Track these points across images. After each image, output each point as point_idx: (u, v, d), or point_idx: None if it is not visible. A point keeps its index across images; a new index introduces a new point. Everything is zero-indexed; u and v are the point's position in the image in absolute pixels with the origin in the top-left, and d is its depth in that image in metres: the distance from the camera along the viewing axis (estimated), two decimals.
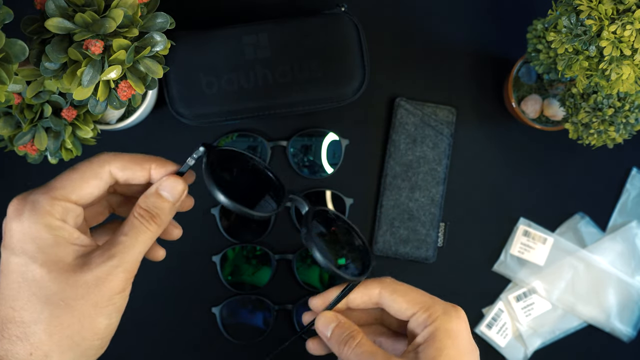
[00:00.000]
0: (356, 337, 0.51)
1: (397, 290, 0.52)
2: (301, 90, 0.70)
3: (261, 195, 0.53)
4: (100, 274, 0.43)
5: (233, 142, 0.75)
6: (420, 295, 0.52)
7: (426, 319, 0.50)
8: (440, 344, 0.48)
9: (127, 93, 0.50)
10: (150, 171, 0.48)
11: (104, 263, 0.43)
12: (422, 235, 0.75)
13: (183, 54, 0.69)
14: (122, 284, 0.44)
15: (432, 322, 0.49)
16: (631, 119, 0.62)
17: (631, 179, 0.76)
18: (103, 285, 0.43)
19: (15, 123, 0.58)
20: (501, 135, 0.77)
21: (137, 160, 0.47)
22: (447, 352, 0.48)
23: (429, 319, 0.50)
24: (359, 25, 0.71)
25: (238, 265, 0.75)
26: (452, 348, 0.48)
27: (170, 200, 0.48)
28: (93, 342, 0.44)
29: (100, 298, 0.43)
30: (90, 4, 0.48)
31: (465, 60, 0.76)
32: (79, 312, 0.43)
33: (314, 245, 0.51)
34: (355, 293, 0.53)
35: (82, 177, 0.45)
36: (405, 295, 0.51)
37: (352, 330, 0.51)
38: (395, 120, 0.75)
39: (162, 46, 0.50)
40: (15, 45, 0.44)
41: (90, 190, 0.46)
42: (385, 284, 0.52)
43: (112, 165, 0.46)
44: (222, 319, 0.75)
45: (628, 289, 0.75)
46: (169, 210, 0.48)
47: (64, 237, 0.44)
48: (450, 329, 0.49)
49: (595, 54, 0.55)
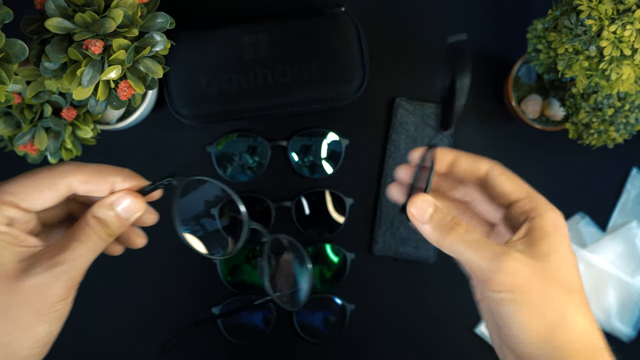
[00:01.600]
0: (462, 223, 0.45)
1: (506, 173, 0.48)
2: (301, 90, 0.70)
3: (226, 229, 0.53)
4: (44, 280, 0.41)
5: (233, 142, 0.75)
6: (527, 185, 0.48)
7: (533, 210, 0.46)
8: (553, 240, 0.44)
9: (127, 93, 0.50)
10: (114, 185, 0.46)
11: (50, 269, 0.41)
12: (422, 235, 0.75)
13: (183, 54, 0.69)
14: (67, 292, 0.42)
15: (541, 215, 0.45)
16: (631, 119, 0.62)
17: (631, 179, 0.76)
18: (46, 292, 0.41)
19: (15, 123, 0.58)
20: (501, 135, 0.77)
21: (102, 174, 0.45)
22: (562, 250, 0.44)
23: (535, 210, 0.46)
24: (359, 25, 0.71)
25: (238, 265, 0.75)
26: (566, 247, 0.44)
27: (123, 217, 0.46)
28: (32, 350, 0.42)
29: (41, 305, 0.41)
30: (90, 4, 0.48)
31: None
32: (18, 319, 0.40)
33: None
34: (465, 159, 0.49)
35: (36, 186, 0.43)
36: (513, 179, 0.48)
37: (454, 216, 0.45)
38: (395, 120, 0.75)
39: (162, 46, 0.50)
40: (15, 45, 0.44)
41: (43, 200, 0.44)
42: (495, 163, 0.49)
43: (73, 178, 0.44)
44: (222, 319, 0.75)
45: (628, 289, 0.76)
46: (119, 225, 0.45)
47: (7, 241, 0.41)
48: (561, 227, 0.45)
49: (595, 54, 0.55)
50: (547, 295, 0.42)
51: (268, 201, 0.75)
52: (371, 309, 0.76)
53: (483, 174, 0.49)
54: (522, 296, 0.42)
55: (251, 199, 0.75)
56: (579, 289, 0.44)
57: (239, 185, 0.76)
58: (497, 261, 0.42)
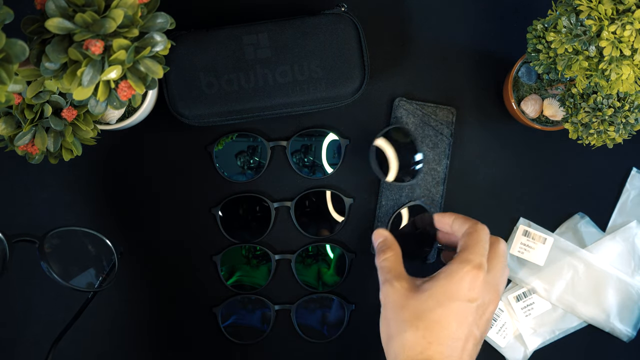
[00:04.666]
0: (387, 252, 0.63)
1: (461, 217, 0.65)
2: (301, 90, 0.70)
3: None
4: None
5: (233, 142, 0.75)
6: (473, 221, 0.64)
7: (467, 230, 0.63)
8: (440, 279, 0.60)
9: (127, 93, 0.50)
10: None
11: None
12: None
13: (183, 54, 0.69)
14: None
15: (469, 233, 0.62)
16: (631, 119, 0.62)
17: (631, 179, 0.76)
18: None
19: (16, 123, 0.58)
20: (501, 135, 0.77)
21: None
22: (438, 285, 0.59)
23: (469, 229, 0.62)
24: (359, 25, 0.71)
25: (238, 265, 0.75)
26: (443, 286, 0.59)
27: None
28: None
29: None
30: (90, 4, 0.48)
31: (465, 60, 0.76)
32: None
33: None
34: (438, 217, 0.67)
35: None
36: (464, 218, 0.64)
37: (390, 247, 0.64)
38: (396, 120, 0.75)
39: (162, 46, 0.50)
40: (16, 45, 0.44)
41: None
42: (458, 215, 0.65)
43: None
44: (222, 319, 0.75)
45: (628, 289, 0.76)
46: None
47: None
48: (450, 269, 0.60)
49: (595, 54, 0.55)
50: (397, 315, 0.59)
51: (268, 201, 0.75)
52: (371, 309, 0.76)
53: (450, 226, 0.66)
54: (383, 312, 0.61)
55: (251, 199, 0.75)
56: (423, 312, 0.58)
57: (239, 185, 0.76)
58: (381, 284, 0.62)
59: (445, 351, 0.56)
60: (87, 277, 0.63)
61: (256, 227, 0.75)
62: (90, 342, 0.75)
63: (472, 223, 0.63)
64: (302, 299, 0.75)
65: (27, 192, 0.75)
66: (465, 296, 0.58)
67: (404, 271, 0.62)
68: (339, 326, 0.75)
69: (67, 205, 0.75)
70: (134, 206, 0.75)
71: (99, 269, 0.64)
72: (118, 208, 0.75)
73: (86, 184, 0.75)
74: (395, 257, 0.63)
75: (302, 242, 0.76)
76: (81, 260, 0.63)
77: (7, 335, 0.74)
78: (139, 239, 0.75)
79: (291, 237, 0.76)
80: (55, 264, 0.58)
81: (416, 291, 0.59)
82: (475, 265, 0.58)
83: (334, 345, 0.76)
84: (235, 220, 0.75)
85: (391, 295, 0.60)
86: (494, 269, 0.60)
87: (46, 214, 0.75)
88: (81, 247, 0.64)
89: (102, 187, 0.75)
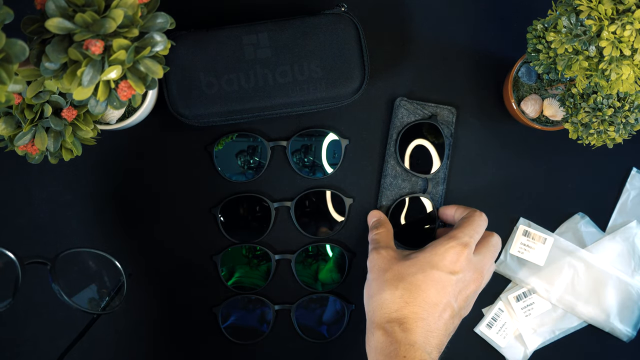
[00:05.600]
0: (380, 228, 0.69)
1: (462, 207, 0.71)
2: (301, 90, 0.70)
3: None
4: None
5: (233, 142, 0.75)
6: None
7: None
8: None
9: (127, 93, 0.50)
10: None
11: None
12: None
13: (183, 54, 0.69)
14: None
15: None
16: (631, 119, 0.62)
17: (631, 179, 0.76)
18: None
19: (16, 123, 0.58)
20: (501, 135, 0.77)
21: None
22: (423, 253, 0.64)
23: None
24: (359, 25, 0.71)
25: (238, 265, 0.75)
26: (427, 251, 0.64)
27: None
28: None
29: None
30: (90, 4, 0.48)
31: (465, 60, 0.76)
32: None
33: None
34: (442, 210, 0.73)
35: None
36: (464, 208, 0.70)
37: (383, 224, 0.70)
38: (396, 120, 0.75)
39: (162, 46, 0.50)
40: (16, 45, 0.44)
41: None
42: (460, 205, 0.72)
43: None
44: (222, 319, 0.75)
45: (628, 289, 0.76)
46: None
47: None
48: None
49: (595, 54, 0.55)
50: (379, 276, 0.63)
51: (268, 201, 0.75)
52: None
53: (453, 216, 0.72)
54: (368, 276, 0.65)
55: (251, 199, 0.75)
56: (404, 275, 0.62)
57: (239, 185, 0.76)
58: (369, 253, 0.67)
59: (420, 312, 0.59)
60: (93, 296, 0.64)
61: (256, 227, 0.75)
62: (88, 341, 0.74)
63: (470, 210, 0.68)
64: (302, 299, 0.75)
65: (27, 192, 0.75)
66: (446, 267, 0.61)
67: (393, 244, 0.67)
68: (339, 326, 0.75)
69: (67, 205, 0.75)
70: (134, 206, 0.75)
71: (105, 289, 0.65)
72: (118, 208, 0.75)
73: (86, 184, 0.75)
74: (386, 232, 0.68)
75: (302, 242, 0.76)
76: (89, 280, 0.65)
77: (7, 335, 0.74)
78: (139, 238, 0.75)
79: (291, 237, 0.76)
80: (66, 286, 0.59)
81: (401, 258, 0.64)
82: (461, 242, 0.62)
83: (334, 345, 0.76)
84: (235, 220, 0.75)
85: (376, 260, 0.64)
86: (480, 253, 0.64)
87: (46, 214, 0.75)
88: (89, 267, 0.65)
89: (102, 187, 0.75)
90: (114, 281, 0.65)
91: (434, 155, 0.75)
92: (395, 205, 0.74)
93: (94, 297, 0.64)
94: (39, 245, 0.74)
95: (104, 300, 0.64)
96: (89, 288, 0.64)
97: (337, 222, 0.76)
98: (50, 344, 0.74)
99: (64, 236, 0.75)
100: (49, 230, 0.75)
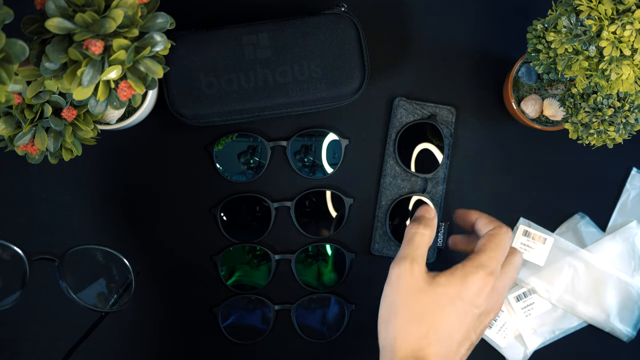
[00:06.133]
0: (427, 229, 0.62)
1: (485, 216, 0.65)
2: (301, 90, 0.70)
3: None
4: None
5: (233, 142, 0.75)
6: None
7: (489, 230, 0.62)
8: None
9: (127, 93, 0.50)
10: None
11: None
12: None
13: (183, 54, 0.69)
14: None
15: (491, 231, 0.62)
16: (631, 119, 0.62)
17: (631, 179, 0.76)
18: None
19: (16, 123, 0.58)
20: (501, 135, 0.77)
21: None
22: (448, 276, 0.59)
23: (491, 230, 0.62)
24: (359, 25, 0.71)
25: (238, 265, 0.75)
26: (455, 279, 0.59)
27: None
28: None
29: None
30: (90, 4, 0.48)
31: (465, 60, 0.76)
32: None
33: None
34: (462, 212, 0.67)
35: None
36: (489, 219, 0.64)
37: (432, 226, 0.63)
38: (394, 120, 0.75)
39: (162, 46, 0.50)
40: (16, 45, 0.44)
41: None
42: (482, 214, 0.66)
43: None
44: (222, 318, 0.75)
45: (628, 289, 0.76)
46: None
47: None
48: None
49: (595, 54, 0.55)
50: (407, 302, 0.59)
51: (268, 201, 0.75)
52: (371, 309, 0.76)
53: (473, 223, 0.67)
54: (390, 289, 0.60)
55: (251, 199, 0.75)
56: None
57: (239, 185, 0.76)
58: (400, 257, 0.61)
59: (441, 352, 0.57)
60: (101, 294, 0.63)
61: (256, 227, 0.75)
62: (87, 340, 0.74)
63: (497, 225, 0.62)
64: (302, 299, 0.75)
65: (27, 192, 0.75)
66: (470, 300, 0.58)
67: (425, 257, 0.61)
68: (339, 326, 0.75)
69: (67, 205, 0.75)
70: (134, 206, 0.75)
71: (113, 287, 0.65)
72: (118, 208, 0.75)
73: (86, 184, 0.75)
74: (429, 238, 0.62)
75: (302, 242, 0.76)
76: (96, 277, 0.64)
77: (7, 335, 0.74)
78: (139, 238, 0.75)
79: (291, 237, 0.76)
80: (73, 283, 0.58)
81: (430, 283, 0.59)
82: (489, 271, 0.58)
83: (334, 345, 0.76)
84: (235, 220, 0.75)
85: (406, 278, 0.59)
86: (504, 277, 0.60)
87: (46, 214, 0.75)
88: (97, 264, 0.65)
89: (102, 187, 0.75)
90: (121, 279, 0.65)
91: (434, 155, 0.75)
92: (395, 205, 0.74)
93: (101, 295, 0.63)
94: (39, 245, 0.74)
95: (111, 299, 0.64)
96: (96, 285, 0.63)
97: (337, 222, 0.76)
98: (51, 344, 0.74)
99: (64, 236, 0.75)
100: (49, 230, 0.75)
